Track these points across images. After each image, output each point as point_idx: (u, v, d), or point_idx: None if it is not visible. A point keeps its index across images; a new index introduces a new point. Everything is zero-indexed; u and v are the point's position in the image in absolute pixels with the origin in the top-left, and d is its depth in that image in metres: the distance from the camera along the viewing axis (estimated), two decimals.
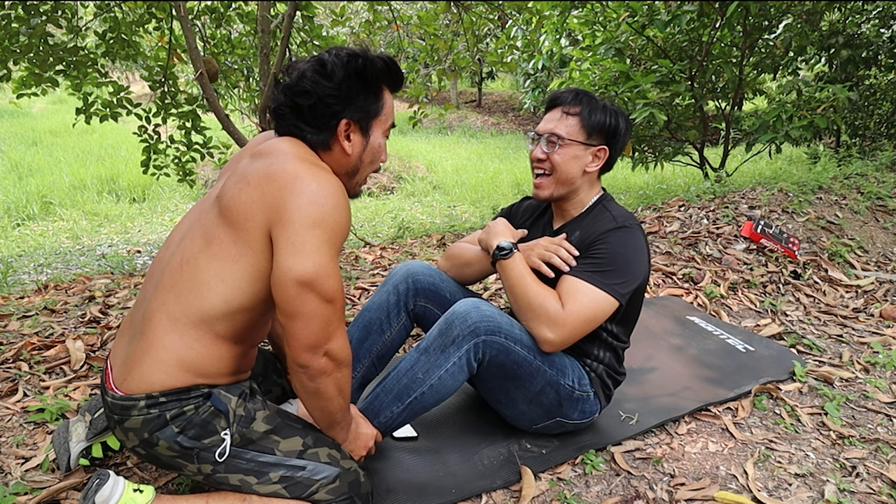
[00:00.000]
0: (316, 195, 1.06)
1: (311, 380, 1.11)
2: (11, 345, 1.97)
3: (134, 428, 1.11)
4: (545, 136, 1.47)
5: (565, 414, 1.50)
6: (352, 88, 1.16)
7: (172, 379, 1.11)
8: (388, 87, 1.23)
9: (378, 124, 1.23)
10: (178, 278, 1.12)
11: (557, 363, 1.44)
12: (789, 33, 5.04)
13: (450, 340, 1.34)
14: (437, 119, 4.65)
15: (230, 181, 1.14)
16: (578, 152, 1.45)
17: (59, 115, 12.49)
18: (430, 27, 4.26)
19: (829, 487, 1.44)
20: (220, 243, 1.10)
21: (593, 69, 4.96)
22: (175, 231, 1.24)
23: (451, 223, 5.13)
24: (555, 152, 1.45)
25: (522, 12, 4.84)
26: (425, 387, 1.35)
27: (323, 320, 1.07)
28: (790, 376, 1.96)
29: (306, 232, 1.04)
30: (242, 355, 1.20)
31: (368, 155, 1.24)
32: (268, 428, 1.18)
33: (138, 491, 1.16)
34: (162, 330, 1.11)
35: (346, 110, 1.17)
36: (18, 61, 3.73)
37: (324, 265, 1.05)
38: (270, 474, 1.17)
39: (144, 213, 7.22)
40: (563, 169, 1.45)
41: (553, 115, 1.49)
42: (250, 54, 4.87)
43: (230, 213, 1.10)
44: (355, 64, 1.15)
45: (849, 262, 2.96)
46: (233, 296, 1.10)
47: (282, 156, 1.12)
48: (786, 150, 7.90)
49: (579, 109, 1.46)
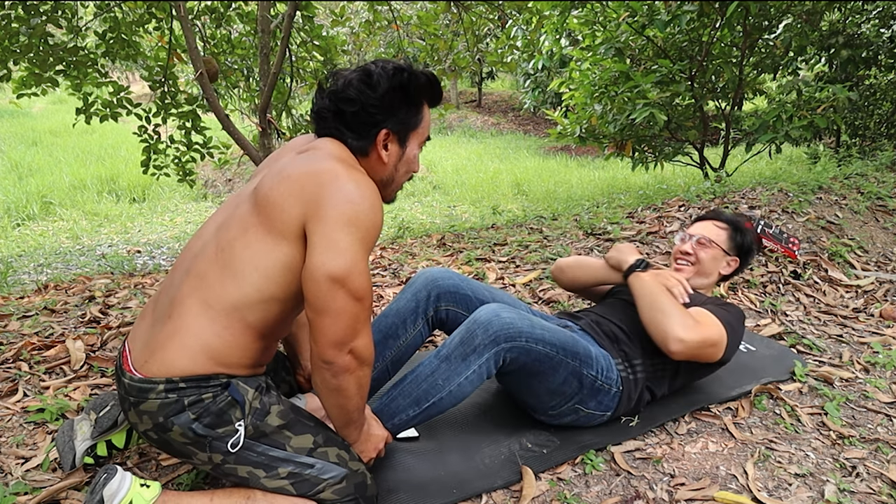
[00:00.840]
0: (353, 194, 1.09)
1: (335, 376, 1.12)
2: (11, 345, 1.98)
3: (149, 411, 1.12)
4: (697, 237, 1.81)
5: (583, 401, 1.53)
6: (394, 100, 1.20)
7: (195, 365, 1.12)
8: (427, 102, 1.28)
9: (415, 136, 1.27)
10: (213, 265, 1.14)
11: (582, 354, 1.49)
12: (789, 33, 5.04)
13: (471, 349, 1.37)
14: (437, 119, 4.65)
15: (269, 175, 1.17)
16: (719, 256, 1.80)
17: (59, 115, 12.50)
18: (430, 27, 4.27)
19: (829, 487, 1.44)
20: (256, 232, 1.13)
21: (593, 69, 4.97)
22: (209, 222, 1.26)
23: (451, 223, 5.13)
24: (702, 251, 1.79)
25: (522, 12, 4.84)
26: (444, 392, 1.38)
27: (351, 317, 1.09)
28: (790, 376, 1.96)
29: (341, 229, 1.07)
30: (265, 349, 1.21)
31: (403, 165, 1.28)
32: (281, 423, 1.19)
33: (145, 486, 1.16)
34: (193, 316, 1.12)
35: (388, 121, 1.21)
36: (18, 61, 3.73)
37: (356, 263, 1.08)
38: (279, 469, 1.17)
39: (144, 213, 7.22)
40: (706, 263, 1.79)
41: (704, 225, 1.85)
42: (250, 54, 4.87)
43: (267, 204, 1.12)
44: (400, 77, 1.20)
45: (849, 262, 2.96)
46: (266, 285, 1.12)
47: (324, 154, 1.16)
48: (786, 150, 7.91)
49: (728, 227, 1.82)
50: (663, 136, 5.21)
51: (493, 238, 3.42)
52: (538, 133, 13.67)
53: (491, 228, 3.84)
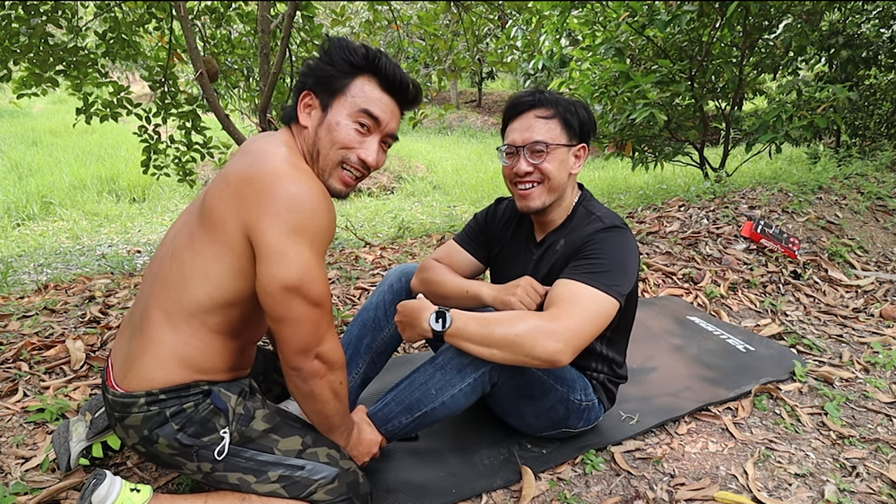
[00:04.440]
0: (294, 199, 1.03)
1: (304, 382, 1.11)
2: (11, 345, 1.97)
3: (134, 425, 1.12)
4: (527, 146, 1.36)
5: (571, 425, 1.51)
6: (321, 64, 1.18)
7: (172, 375, 1.11)
8: (370, 75, 1.19)
9: (341, 103, 1.17)
10: (168, 273, 1.14)
11: (568, 379, 1.44)
12: (789, 33, 5.04)
13: (467, 361, 1.32)
14: (437, 119, 4.65)
15: (216, 179, 1.15)
16: (564, 156, 1.37)
17: (59, 115, 12.49)
18: (430, 27, 4.27)
19: (829, 487, 1.43)
20: (201, 241, 1.11)
21: (593, 69, 4.96)
22: (171, 228, 1.25)
23: (451, 223, 5.13)
24: (544, 161, 1.35)
25: (522, 12, 4.84)
26: (437, 403, 1.34)
27: (312, 324, 1.07)
28: (790, 376, 1.96)
29: (287, 239, 1.03)
30: (240, 351, 1.20)
31: (324, 130, 1.17)
32: (267, 427, 1.18)
33: (135, 490, 1.16)
34: (158, 326, 1.12)
35: (309, 83, 1.19)
36: (18, 61, 3.73)
37: (308, 270, 1.05)
38: (269, 473, 1.17)
39: (144, 213, 7.22)
40: (556, 175, 1.36)
41: (524, 121, 1.38)
42: (250, 54, 4.86)
43: (210, 214, 1.10)
44: (337, 44, 1.18)
45: (849, 262, 2.96)
46: (216, 292, 1.10)
47: (264, 155, 1.11)
48: (786, 150, 7.90)
49: (554, 112, 1.37)
50: (663, 136, 5.21)
51: None
52: None
53: None
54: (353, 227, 5.54)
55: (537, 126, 1.36)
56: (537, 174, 1.37)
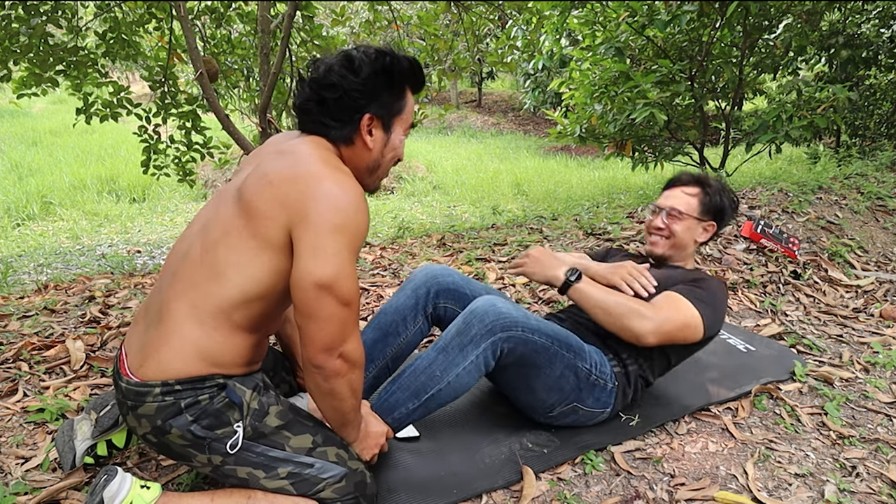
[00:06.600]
0: (338, 199, 1.07)
1: (326, 380, 1.12)
2: (11, 345, 1.98)
3: (147, 414, 1.12)
4: (666, 209, 1.72)
5: (581, 399, 1.53)
6: (377, 85, 1.18)
7: (189, 367, 1.12)
8: (410, 88, 1.26)
9: (399, 122, 1.26)
10: (198, 268, 1.14)
11: (575, 346, 1.49)
12: (789, 33, 5.04)
13: (468, 339, 1.37)
14: (437, 119, 4.65)
15: (252, 177, 1.15)
16: (693, 225, 1.72)
17: (59, 115, 12.50)
18: (430, 27, 4.27)
19: (829, 487, 1.44)
20: (239, 235, 1.12)
21: (593, 69, 4.97)
22: (193, 223, 1.25)
23: (451, 223, 5.13)
24: (674, 223, 1.71)
25: (522, 12, 4.84)
26: (442, 384, 1.37)
27: (340, 322, 1.08)
28: (790, 376, 1.96)
29: (327, 236, 1.06)
30: (257, 345, 1.21)
31: (389, 150, 1.27)
32: (280, 423, 1.19)
33: (145, 487, 1.16)
34: (181, 319, 1.12)
35: (370, 105, 1.19)
36: (18, 61, 3.73)
37: (343, 269, 1.07)
38: (279, 469, 1.17)
39: (144, 213, 7.22)
40: (681, 236, 1.72)
41: (672, 192, 1.76)
42: (250, 54, 4.87)
43: (251, 209, 1.11)
44: (382, 61, 1.18)
45: (849, 262, 2.96)
46: (249, 286, 1.12)
47: (305, 157, 1.13)
48: (786, 150, 7.90)
49: (697, 191, 1.73)
50: (663, 136, 5.21)
51: (493, 238, 3.42)
52: (538, 133, 13.67)
53: (491, 228, 3.84)
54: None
55: (681, 198, 1.74)
56: (667, 231, 1.73)
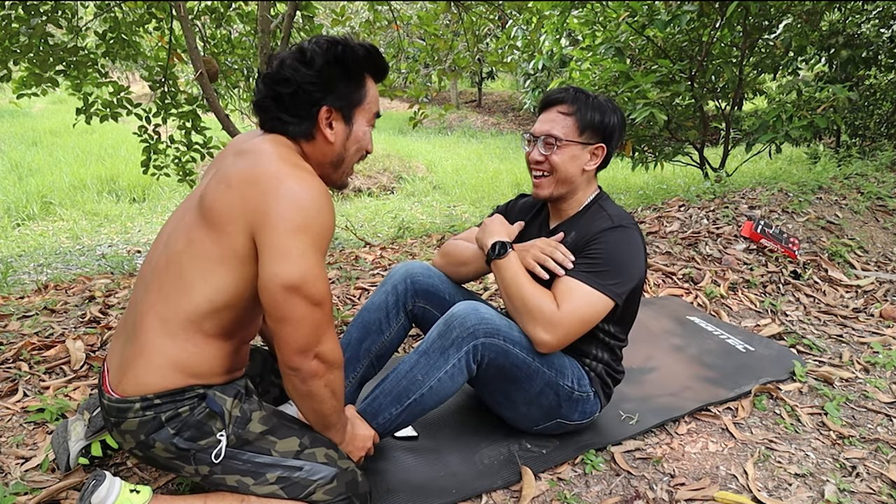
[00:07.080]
0: (299, 199, 1.04)
1: (303, 382, 1.11)
2: (11, 345, 1.97)
3: (130, 430, 1.11)
4: (542, 137, 1.45)
5: (565, 415, 1.50)
6: (332, 76, 1.14)
7: (166, 381, 1.11)
8: (371, 76, 1.22)
9: (361, 112, 1.21)
10: (164, 279, 1.12)
11: (556, 364, 1.43)
12: (789, 33, 5.04)
13: (449, 342, 1.34)
14: (437, 119, 4.65)
15: (213, 181, 1.13)
16: (576, 152, 1.45)
17: (59, 115, 12.49)
18: (430, 27, 4.27)
19: (829, 487, 1.43)
20: (202, 243, 1.09)
21: (593, 69, 4.96)
22: (162, 232, 1.24)
23: (451, 223, 5.13)
24: (553, 153, 1.44)
25: (522, 12, 4.84)
26: (424, 388, 1.34)
27: (312, 324, 1.07)
28: (790, 376, 1.96)
29: (291, 237, 1.03)
30: (234, 352, 1.20)
31: (353, 143, 1.22)
32: (264, 429, 1.18)
33: (135, 492, 1.16)
34: (153, 332, 1.11)
35: (327, 97, 1.15)
36: (18, 61, 3.73)
37: (310, 269, 1.04)
38: (267, 475, 1.17)
39: (144, 213, 7.22)
40: (563, 169, 1.44)
41: (548, 115, 1.47)
42: (250, 54, 4.87)
43: (212, 215, 1.09)
44: (335, 51, 1.14)
45: (849, 262, 2.96)
46: (217, 295, 1.10)
47: (264, 156, 1.09)
48: (786, 150, 7.90)
49: (574, 109, 1.44)
50: (663, 136, 5.21)
51: None
52: None
53: None
54: (353, 227, 5.54)
55: (556, 120, 1.45)
56: (547, 165, 1.46)
